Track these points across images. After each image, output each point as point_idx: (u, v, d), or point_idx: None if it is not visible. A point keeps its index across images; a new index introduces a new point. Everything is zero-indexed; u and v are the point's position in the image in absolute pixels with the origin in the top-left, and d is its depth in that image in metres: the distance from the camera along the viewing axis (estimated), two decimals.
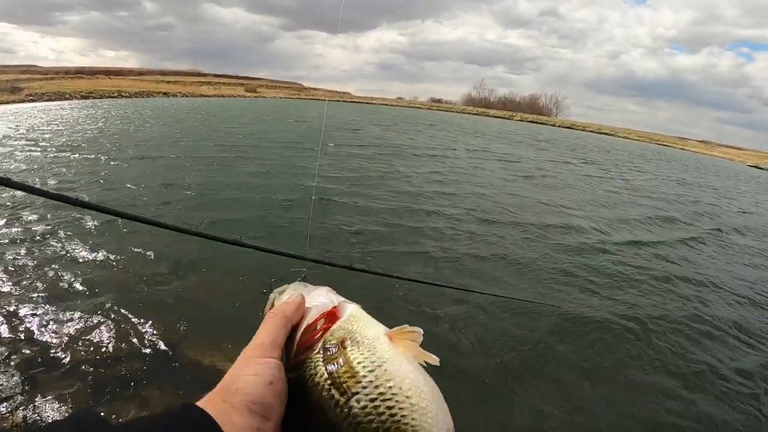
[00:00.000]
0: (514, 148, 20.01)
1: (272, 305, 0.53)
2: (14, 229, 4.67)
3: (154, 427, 0.34)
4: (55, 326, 3.04)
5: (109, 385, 2.53)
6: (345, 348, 0.43)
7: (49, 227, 4.78)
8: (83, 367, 2.68)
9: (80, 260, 4.07)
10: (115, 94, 42.38)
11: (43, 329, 3.01)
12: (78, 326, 3.07)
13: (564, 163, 16.52)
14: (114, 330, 3.05)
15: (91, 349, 2.85)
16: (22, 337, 2.89)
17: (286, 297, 0.53)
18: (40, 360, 2.70)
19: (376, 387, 0.39)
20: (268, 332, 0.44)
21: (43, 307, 3.26)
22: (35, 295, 3.44)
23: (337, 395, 0.39)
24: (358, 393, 0.39)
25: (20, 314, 3.16)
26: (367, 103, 74.30)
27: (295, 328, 0.47)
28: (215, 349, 2.92)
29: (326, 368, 0.41)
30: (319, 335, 0.46)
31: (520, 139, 27.80)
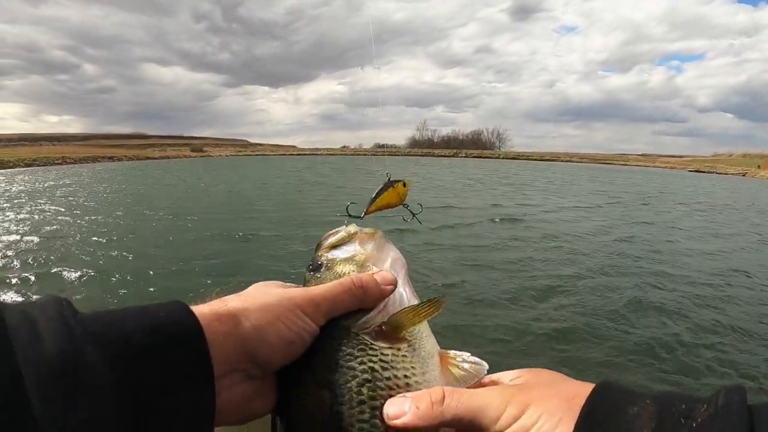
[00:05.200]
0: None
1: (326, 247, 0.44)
2: None
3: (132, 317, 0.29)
4: None
5: None
6: (400, 351, 0.37)
7: None
8: None
9: None
10: (60, 161, 43.74)
11: None
12: None
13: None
14: None
15: None
16: None
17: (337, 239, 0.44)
18: None
19: None
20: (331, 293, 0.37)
21: None
22: None
23: (366, 395, 0.35)
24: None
25: None
26: (313, 154, 78.60)
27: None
28: None
29: (369, 365, 0.36)
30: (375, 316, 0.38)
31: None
